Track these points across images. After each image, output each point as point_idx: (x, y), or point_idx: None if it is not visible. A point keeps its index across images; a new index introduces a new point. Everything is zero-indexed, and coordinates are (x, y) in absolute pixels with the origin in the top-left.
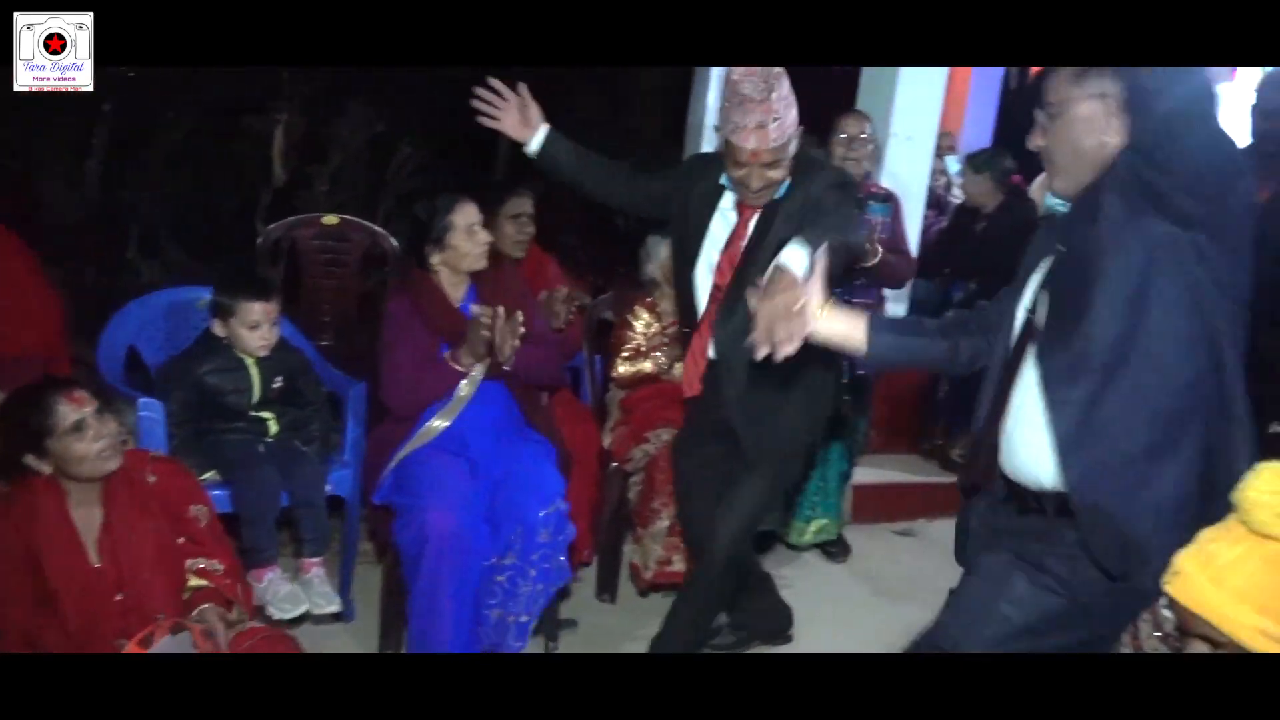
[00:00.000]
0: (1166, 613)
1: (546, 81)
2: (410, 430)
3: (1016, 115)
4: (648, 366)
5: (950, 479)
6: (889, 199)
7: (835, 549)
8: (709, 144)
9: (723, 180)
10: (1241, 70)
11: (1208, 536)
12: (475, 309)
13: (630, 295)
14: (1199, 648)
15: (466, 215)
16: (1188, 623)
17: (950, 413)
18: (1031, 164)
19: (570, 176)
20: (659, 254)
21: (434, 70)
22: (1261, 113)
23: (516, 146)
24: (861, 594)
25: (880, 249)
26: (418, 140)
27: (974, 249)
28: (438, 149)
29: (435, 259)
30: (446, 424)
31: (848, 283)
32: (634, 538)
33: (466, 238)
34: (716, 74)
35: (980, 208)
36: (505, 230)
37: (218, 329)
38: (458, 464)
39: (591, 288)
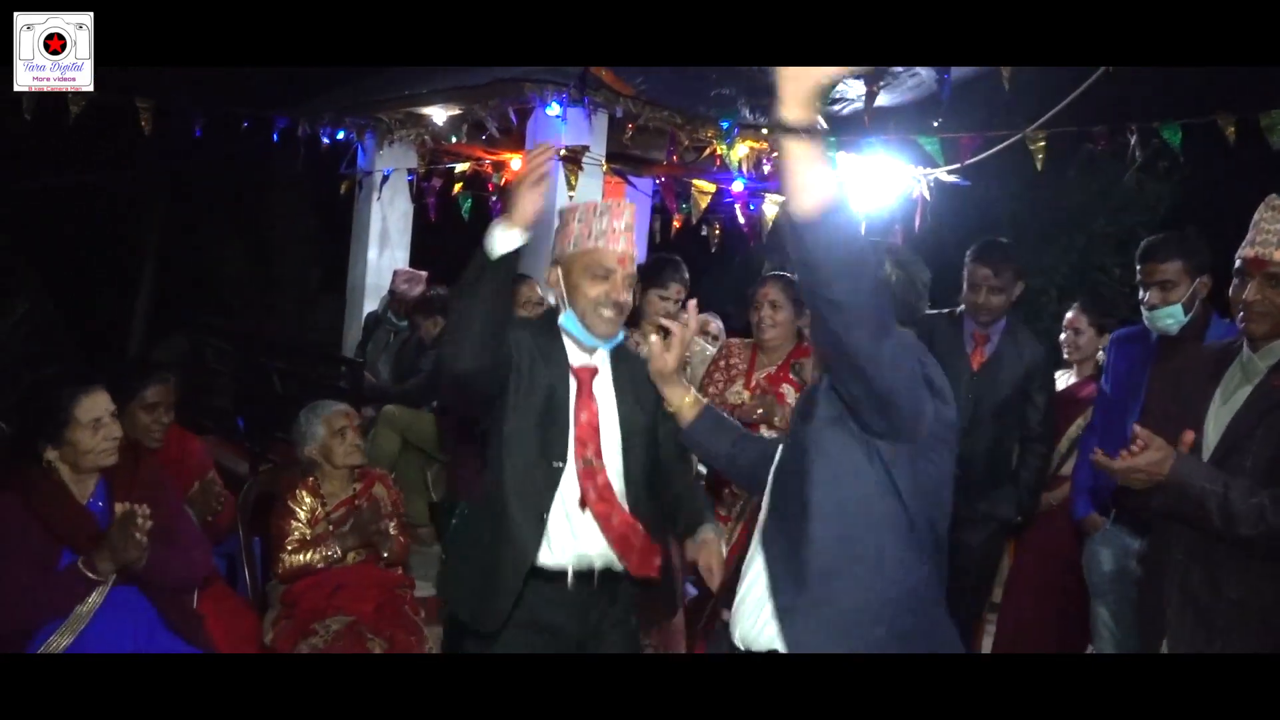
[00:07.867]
0: None
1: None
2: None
3: None
4: (316, 561)
5: None
6: None
7: None
8: (371, 301)
9: None
10: None
11: None
12: (119, 507)
13: (289, 476)
14: None
15: (92, 408)
16: None
17: None
18: None
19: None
20: (315, 433)
21: (67, 198)
22: None
23: (154, 321)
24: None
25: None
26: (36, 297)
27: None
28: (63, 310)
29: (50, 455)
30: (69, 641)
31: None
32: None
33: (91, 434)
34: (376, 232)
35: None
36: (139, 420)
37: None
38: None
39: (248, 454)
